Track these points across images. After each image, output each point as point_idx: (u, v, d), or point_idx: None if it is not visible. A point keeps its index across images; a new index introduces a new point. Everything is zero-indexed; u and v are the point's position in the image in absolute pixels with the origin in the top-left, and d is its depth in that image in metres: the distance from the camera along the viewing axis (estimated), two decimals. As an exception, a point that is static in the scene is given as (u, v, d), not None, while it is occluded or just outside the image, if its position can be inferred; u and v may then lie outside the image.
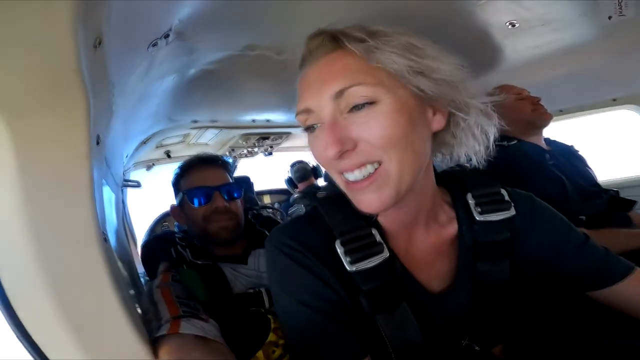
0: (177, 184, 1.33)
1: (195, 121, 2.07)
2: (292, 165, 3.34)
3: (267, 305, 1.06)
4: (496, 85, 1.71)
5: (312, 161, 3.29)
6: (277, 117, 2.32)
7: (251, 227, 1.34)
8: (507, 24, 1.42)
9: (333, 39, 0.59)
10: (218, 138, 2.45)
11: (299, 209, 1.10)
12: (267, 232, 1.27)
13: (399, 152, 0.56)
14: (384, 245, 0.62)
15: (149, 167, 2.51)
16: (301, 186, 3.30)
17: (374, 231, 0.63)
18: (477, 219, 0.67)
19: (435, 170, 0.70)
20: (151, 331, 0.71)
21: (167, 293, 0.93)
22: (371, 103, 0.56)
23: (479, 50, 1.59)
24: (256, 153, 2.89)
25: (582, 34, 1.55)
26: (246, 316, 1.02)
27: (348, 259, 0.59)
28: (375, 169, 0.57)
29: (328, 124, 0.57)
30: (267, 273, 0.67)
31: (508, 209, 0.68)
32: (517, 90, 1.68)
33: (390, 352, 0.61)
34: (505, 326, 0.73)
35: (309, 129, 0.61)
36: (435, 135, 0.64)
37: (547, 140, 1.76)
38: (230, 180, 1.32)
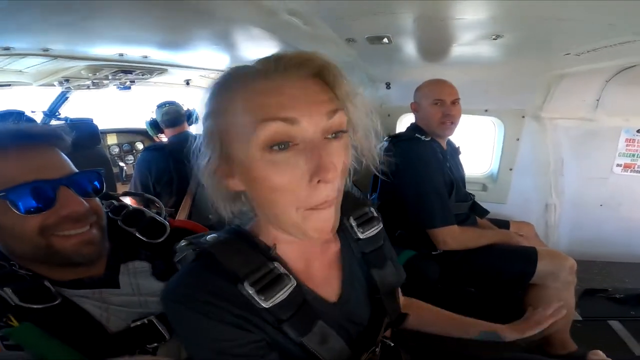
0: None
1: (7, 48, 1.22)
2: (161, 106, 2.49)
3: (167, 336, 0.75)
4: (431, 80, 1.83)
5: (186, 104, 2.56)
6: (152, 53, 1.71)
7: (112, 227, 0.88)
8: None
9: (320, 70, 0.58)
10: (45, 67, 1.52)
11: (189, 254, 0.71)
12: (137, 234, 0.89)
13: (343, 180, 0.61)
14: (290, 275, 0.64)
15: None
16: (169, 132, 2.56)
17: (276, 264, 0.64)
18: (361, 237, 0.77)
19: None
20: None
21: None
22: (345, 132, 0.58)
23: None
24: (105, 86, 2.00)
25: (501, 55, 1.70)
26: None
27: (262, 297, 0.59)
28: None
29: (321, 144, 0.55)
30: (176, 331, 0.65)
31: (378, 223, 0.81)
32: (436, 94, 1.75)
33: None
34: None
35: (275, 145, 0.53)
36: None
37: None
38: (75, 169, 0.79)
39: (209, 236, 0.66)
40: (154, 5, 1.10)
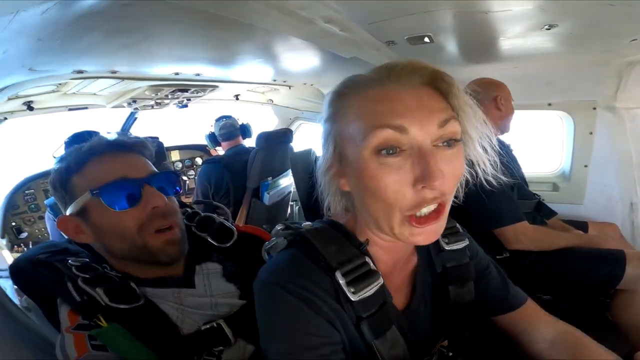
0: (67, 183, 0.82)
1: (80, 71, 1.38)
2: (218, 120, 2.70)
3: (232, 340, 0.79)
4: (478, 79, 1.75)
5: (240, 118, 2.71)
6: (204, 70, 1.83)
7: (188, 232, 0.94)
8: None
9: (433, 79, 0.58)
10: (115, 88, 1.72)
11: (280, 242, 0.70)
12: (209, 239, 0.95)
13: (453, 193, 0.59)
14: (379, 273, 0.64)
15: (-5, 122, 1.68)
16: (225, 145, 2.74)
17: (368, 259, 0.64)
18: (446, 248, 0.76)
19: None
20: None
21: None
22: (458, 141, 0.57)
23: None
24: (166, 105, 2.19)
25: (559, 45, 1.56)
26: None
27: (352, 289, 0.60)
28: (438, 205, 0.57)
29: (429, 152, 0.54)
30: (262, 316, 0.62)
31: (464, 239, 0.79)
32: (495, 91, 1.69)
33: None
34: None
35: (384, 150, 0.55)
36: None
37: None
38: (156, 170, 0.88)
39: (303, 223, 0.70)
40: (203, 25, 1.19)
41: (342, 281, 0.60)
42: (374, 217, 0.60)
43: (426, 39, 1.40)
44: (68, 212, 0.82)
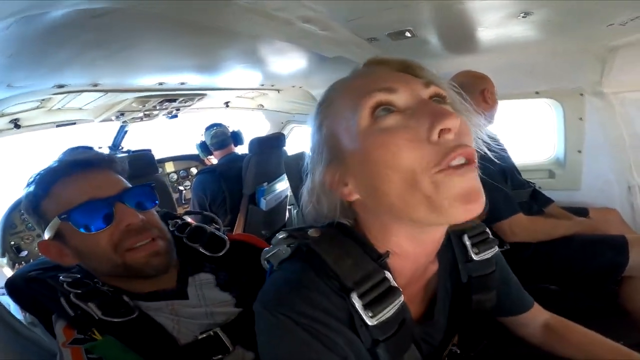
0: (38, 209, 0.81)
1: (61, 86, 1.38)
2: (209, 129, 2.67)
3: (230, 348, 0.77)
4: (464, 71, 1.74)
5: (231, 125, 2.71)
6: (191, 79, 1.83)
7: (179, 244, 0.93)
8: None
9: (403, 66, 0.59)
10: (100, 102, 1.71)
11: (282, 249, 0.61)
12: (201, 249, 0.94)
13: (474, 148, 0.52)
14: (400, 290, 0.56)
15: (-17, 142, 1.68)
16: (217, 154, 2.73)
17: (387, 274, 0.56)
18: (475, 259, 0.70)
19: None
20: None
21: None
22: (444, 97, 0.55)
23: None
24: (155, 116, 2.19)
25: (538, 33, 1.57)
26: None
27: (369, 313, 0.52)
28: (468, 158, 0.49)
29: (428, 102, 0.52)
30: (267, 349, 0.54)
31: (494, 246, 0.73)
32: (482, 84, 1.68)
33: None
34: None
35: (380, 110, 0.51)
36: None
37: None
38: (129, 185, 0.85)
39: (310, 230, 0.60)
40: (183, 32, 1.19)
41: (358, 304, 0.52)
42: (400, 201, 0.50)
43: (407, 34, 1.40)
44: (46, 237, 0.80)
